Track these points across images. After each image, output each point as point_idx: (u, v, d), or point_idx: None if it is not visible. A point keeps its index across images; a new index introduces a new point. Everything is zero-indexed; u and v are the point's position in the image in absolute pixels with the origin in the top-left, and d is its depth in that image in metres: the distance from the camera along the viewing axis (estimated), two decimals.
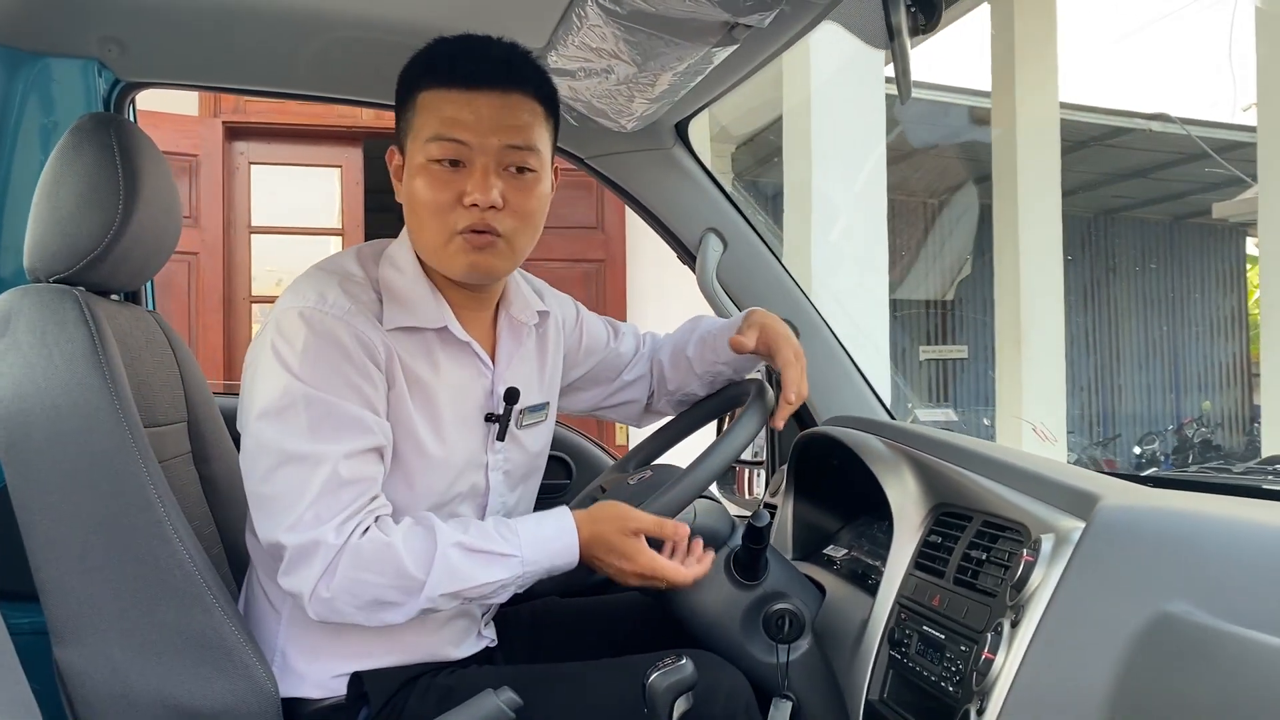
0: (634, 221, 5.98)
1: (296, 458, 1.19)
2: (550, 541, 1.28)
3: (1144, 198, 11.45)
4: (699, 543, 1.36)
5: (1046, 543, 1.08)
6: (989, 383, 7.05)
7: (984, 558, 1.21)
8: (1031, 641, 1.03)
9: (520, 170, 1.28)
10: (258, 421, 1.22)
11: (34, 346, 1.25)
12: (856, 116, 5.41)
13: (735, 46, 1.39)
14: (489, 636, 1.47)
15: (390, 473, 1.29)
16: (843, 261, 5.29)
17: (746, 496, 2.16)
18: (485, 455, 1.40)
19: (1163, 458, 10.89)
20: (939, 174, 9.41)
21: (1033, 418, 6.60)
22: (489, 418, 1.39)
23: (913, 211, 9.95)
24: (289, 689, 1.31)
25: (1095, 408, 12.04)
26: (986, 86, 7.29)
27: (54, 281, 1.34)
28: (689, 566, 1.32)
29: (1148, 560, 1.02)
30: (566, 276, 5.61)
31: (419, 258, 1.35)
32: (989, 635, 1.09)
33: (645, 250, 5.99)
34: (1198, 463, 9.81)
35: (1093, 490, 1.11)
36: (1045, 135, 6.89)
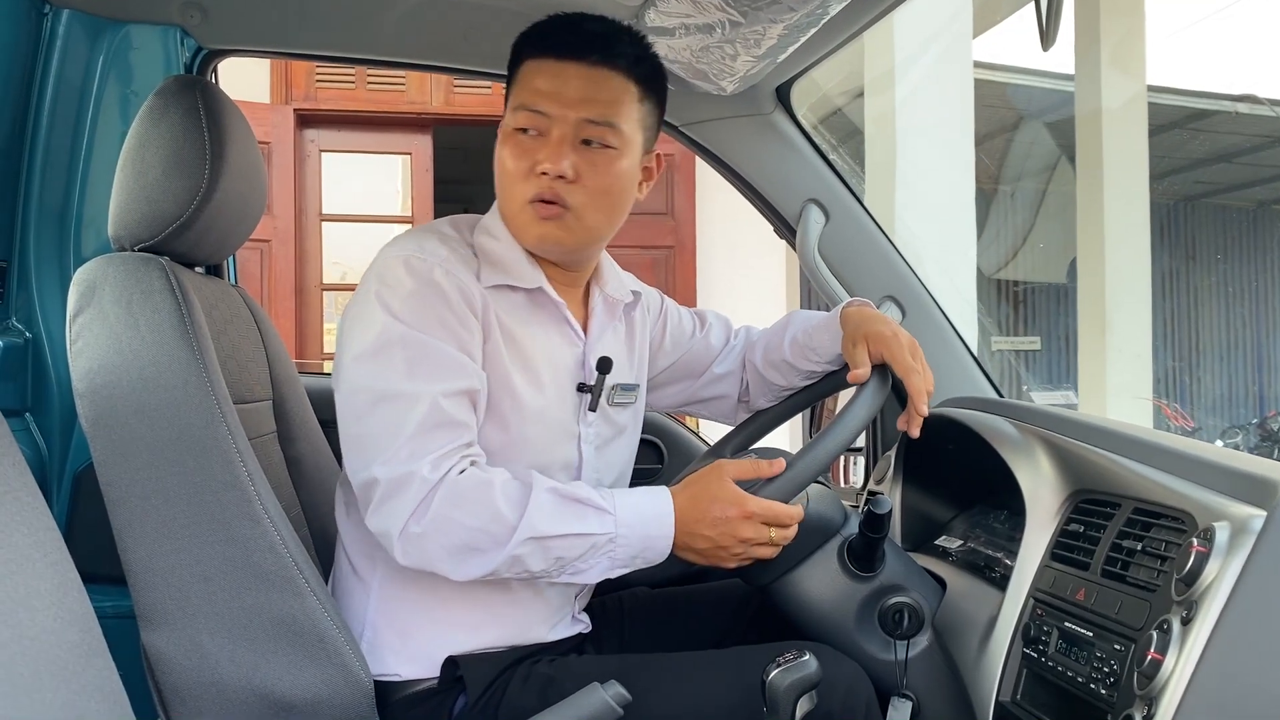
0: (704, 207, 5.88)
1: (392, 395, 1.18)
2: (644, 506, 1.22)
3: (1227, 183, 11.09)
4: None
5: (1221, 532, 0.98)
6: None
7: (1137, 548, 1.11)
8: (1210, 641, 0.93)
9: (597, 146, 1.27)
10: (354, 363, 1.20)
11: (120, 317, 1.20)
12: (944, 96, 5.25)
13: None
14: (583, 621, 1.42)
15: (486, 423, 1.26)
16: (933, 245, 5.14)
17: (844, 485, 2.05)
18: (578, 426, 1.36)
19: (1246, 453, 10.52)
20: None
21: (1116, 408, 6.38)
22: (581, 387, 1.36)
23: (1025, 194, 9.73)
24: (378, 669, 1.26)
25: (1174, 400, 11.69)
26: (1068, 69, 7.06)
27: (139, 250, 1.29)
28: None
29: None
30: (635, 263, 5.51)
31: None
32: (1153, 634, 0.99)
33: (716, 237, 5.90)
34: None
35: (1271, 476, 1.00)
36: (1132, 116, 6.65)
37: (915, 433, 1.38)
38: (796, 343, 1.54)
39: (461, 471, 1.17)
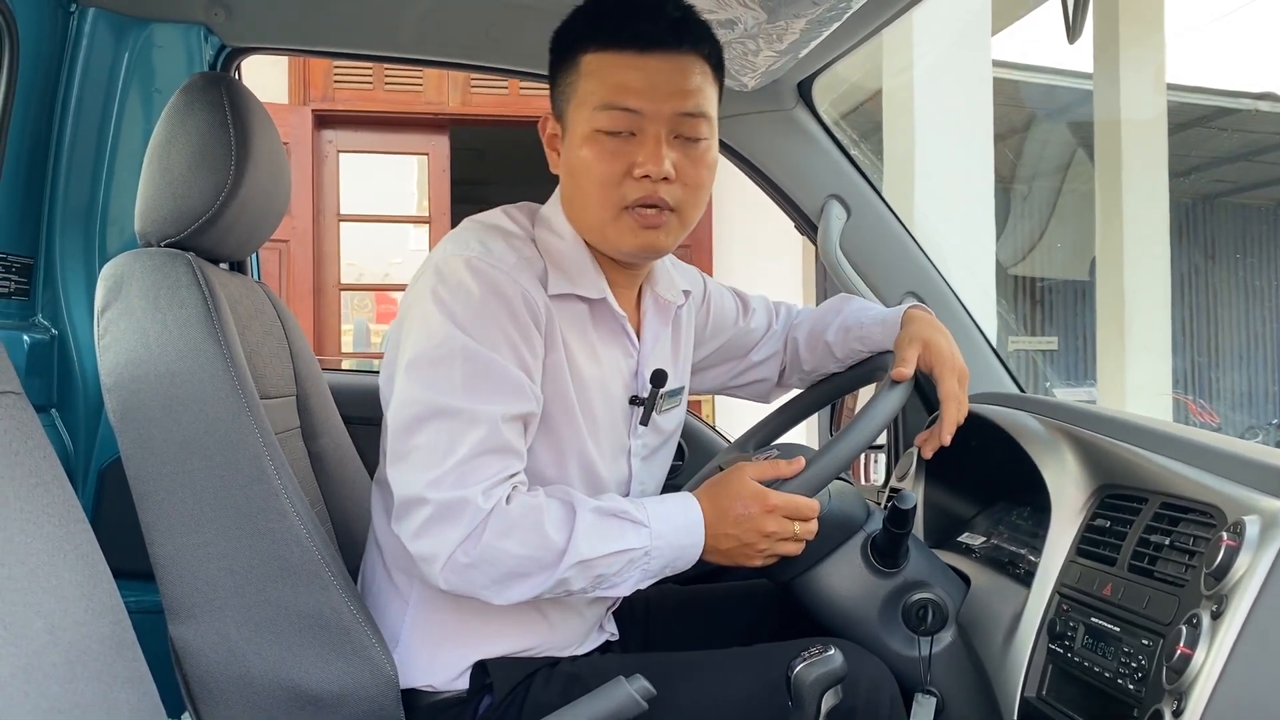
0: (720, 207, 5.88)
1: (448, 412, 1.12)
2: (675, 516, 1.20)
3: (1247, 181, 11.01)
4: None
5: (1252, 526, 0.97)
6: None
7: (1165, 543, 1.10)
8: (1241, 635, 0.92)
9: (691, 139, 1.21)
10: (408, 369, 1.14)
11: (147, 311, 1.21)
12: (963, 92, 5.23)
13: None
14: (610, 630, 1.41)
15: (540, 442, 1.21)
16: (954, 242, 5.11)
17: (865, 482, 2.05)
18: (629, 440, 1.33)
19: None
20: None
21: (1135, 407, 6.33)
22: (634, 400, 1.32)
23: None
24: (410, 679, 1.24)
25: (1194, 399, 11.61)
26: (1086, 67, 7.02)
27: (165, 246, 1.30)
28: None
29: None
30: None
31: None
32: (1182, 628, 0.98)
33: (732, 237, 5.89)
34: None
35: None
36: (1151, 114, 6.61)
37: (928, 454, 1.37)
38: (846, 329, 1.51)
39: (508, 499, 1.13)
